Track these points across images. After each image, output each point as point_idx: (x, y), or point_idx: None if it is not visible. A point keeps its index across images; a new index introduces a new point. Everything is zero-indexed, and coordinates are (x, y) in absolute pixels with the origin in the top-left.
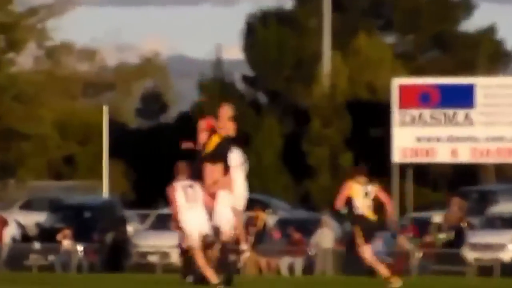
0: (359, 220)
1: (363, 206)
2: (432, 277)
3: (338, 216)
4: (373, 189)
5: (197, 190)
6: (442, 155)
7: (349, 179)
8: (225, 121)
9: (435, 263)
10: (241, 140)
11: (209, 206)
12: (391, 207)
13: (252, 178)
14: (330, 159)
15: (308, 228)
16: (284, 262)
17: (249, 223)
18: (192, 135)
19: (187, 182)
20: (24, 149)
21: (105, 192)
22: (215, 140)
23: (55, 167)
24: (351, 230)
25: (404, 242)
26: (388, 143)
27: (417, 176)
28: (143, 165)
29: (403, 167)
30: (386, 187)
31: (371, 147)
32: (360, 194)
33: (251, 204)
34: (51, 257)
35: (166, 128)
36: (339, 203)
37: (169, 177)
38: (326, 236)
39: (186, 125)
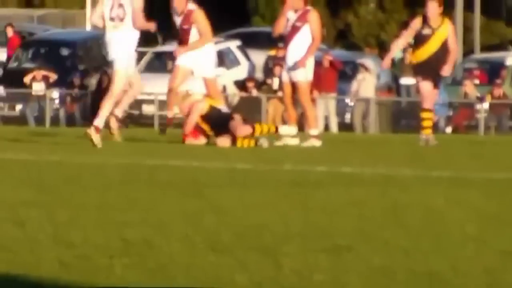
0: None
1: None
2: (504, 136)
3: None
4: None
5: None
6: None
7: None
8: None
9: (508, 118)
10: None
11: None
12: None
13: (274, 6)
14: None
15: (346, 72)
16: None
17: (271, 63)
18: None
19: None
20: None
21: (88, 24)
22: None
23: None
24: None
25: (471, 89)
26: None
27: (487, 5)
28: None
29: None
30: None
31: None
32: None
33: (273, 40)
34: (19, 106)
35: None
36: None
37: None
38: (368, 84)
39: None
